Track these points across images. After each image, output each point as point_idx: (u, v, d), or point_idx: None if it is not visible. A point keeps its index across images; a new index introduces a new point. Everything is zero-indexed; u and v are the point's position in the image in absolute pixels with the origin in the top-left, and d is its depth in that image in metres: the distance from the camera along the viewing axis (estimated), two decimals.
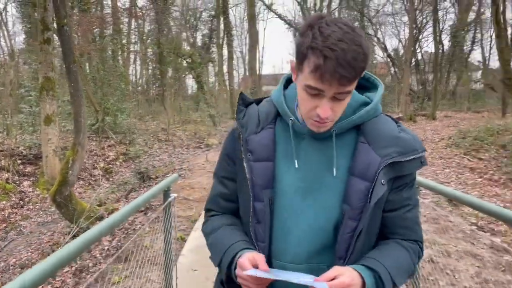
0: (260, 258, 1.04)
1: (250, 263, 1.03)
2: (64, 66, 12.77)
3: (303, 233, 1.09)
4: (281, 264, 1.09)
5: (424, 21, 27.81)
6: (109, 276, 4.35)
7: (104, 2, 20.65)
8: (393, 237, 1.14)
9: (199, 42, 32.98)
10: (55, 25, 9.86)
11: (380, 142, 1.08)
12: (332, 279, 0.98)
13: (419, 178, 2.84)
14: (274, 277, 0.98)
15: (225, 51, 27.74)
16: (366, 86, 1.18)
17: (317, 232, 1.09)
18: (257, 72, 39.15)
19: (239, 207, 1.21)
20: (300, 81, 1.02)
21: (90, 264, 5.10)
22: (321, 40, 0.93)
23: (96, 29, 15.52)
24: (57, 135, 10.48)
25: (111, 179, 10.79)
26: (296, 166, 1.10)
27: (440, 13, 29.83)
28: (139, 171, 8.58)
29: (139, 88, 26.78)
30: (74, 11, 16.30)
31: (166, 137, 14.30)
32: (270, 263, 1.11)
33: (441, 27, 31.99)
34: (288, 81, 1.23)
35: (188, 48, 29.54)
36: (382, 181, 1.05)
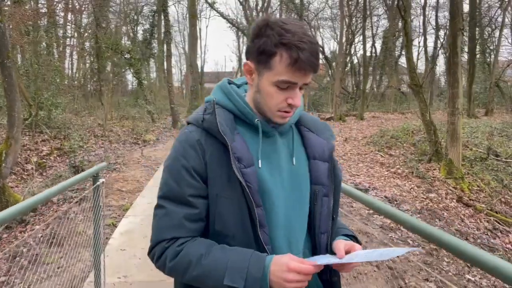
0: (294, 257, 1.04)
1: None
2: None
3: (295, 223, 1.16)
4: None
5: (359, 26, 29.46)
6: (44, 258, 4.73)
7: None
8: None
9: (140, 37, 32.61)
10: None
11: (318, 129, 1.26)
12: (347, 252, 1.10)
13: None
14: (320, 263, 1.04)
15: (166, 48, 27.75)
16: None
17: (303, 217, 1.19)
18: (199, 69, 39.35)
19: (217, 225, 1.11)
20: (268, 78, 1.06)
21: (25, 250, 5.40)
22: (290, 35, 1.01)
23: (30, 22, 15.16)
24: None
25: (44, 174, 10.80)
26: (260, 166, 1.12)
27: (374, 18, 31.88)
28: (74, 165, 8.79)
29: (76, 82, 26.12)
30: (7, 2, 15.80)
31: (103, 132, 14.35)
32: None
33: (374, 32, 34.20)
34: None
35: (129, 43, 29.20)
36: (336, 159, 1.26)
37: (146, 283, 3.80)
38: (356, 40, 32.42)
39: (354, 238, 1.24)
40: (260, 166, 1.12)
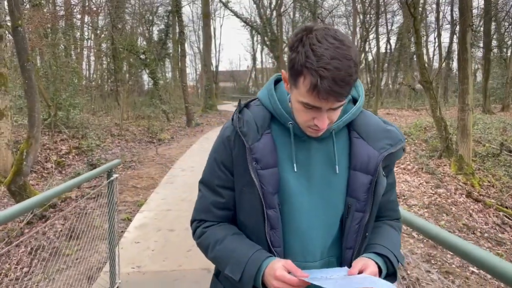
0: (290, 264, 1.05)
1: (285, 270, 1.04)
2: (13, 61, 12.94)
3: (315, 231, 1.14)
4: (297, 265, 1.07)
5: (374, 22, 29.29)
6: (63, 250, 5.01)
7: None
8: (382, 219, 1.26)
9: (155, 37, 33.11)
10: (8, 23, 10.15)
11: (373, 136, 1.15)
12: (360, 272, 1.05)
13: None
14: (312, 281, 1.00)
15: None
16: None
17: (327, 228, 1.15)
18: (214, 69, 39.62)
19: (240, 215, 1.20)
20: (295, 95, 1.04)
21: (45, 243, 5.70)
22: (315, 59, 0.94)
23: (48, 25, 15.62)
24: (9, 129, 10.75)
25: (63, 172, 11.19)
26: (295, 169, 1.12)
27: (388, 15, 31.64)
28: (91, 163, 9.12)
29: (93, 83, 26.70)
30: (26, 6, 16.32)
31: (119, 131, 14.72)
32: None
33: (388, 29, 34.00)
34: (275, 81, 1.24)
35: (144, 43, 29.66)
36: (384, 173, 1.15)
37: (159, 273, 4.02)
38: (371, 36, 32.35)
39: (386, 257, 1.13)
40: (284, 168, 1.13)
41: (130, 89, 22.50)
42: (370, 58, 34.49)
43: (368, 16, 28.71)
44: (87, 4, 23.40)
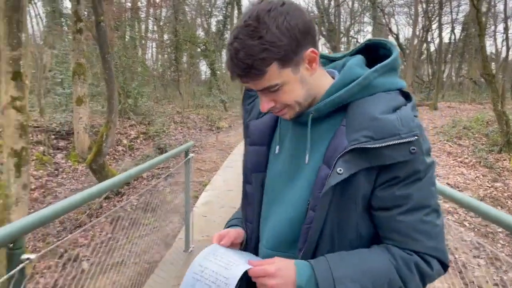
0: (229, 234, 1.05)
1: (220, 238, 1.05)
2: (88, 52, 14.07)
3: (276, 222, 1.04)
4: (261, 247, 1.06)
5: (437, 12, 28.20)
6: (141, 220, 5.72)
7: None
8: (386, 242, 0.96)
9: (213, 28, 34.15)
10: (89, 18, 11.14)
11: (354, 124, 0.92)
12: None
13: None
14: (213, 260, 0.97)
15: None
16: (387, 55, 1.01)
17: (289, 221, 1.01)
18: None
19: None
20: None
21: (123, 214, 6.49)
22: (228, 40, 0.90)
23: (120, 18, 16.78)
24: (87, 114, 11.89)
25: (132, 155, 12.20)
26: (277, 151, 1.07)
27: (454, 3, 30.26)
28: (159, 147, 9.93)
29: (155, 73, 28.15)
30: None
31: (181, 119, 15.64)
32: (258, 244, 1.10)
33: (453, 18, 32.54)
34: None
35: (203, 34, 30.66)
36: (339, 169, 0.89)
37: None
38: (434, 26, 31.18)
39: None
40: (271, 149, 1.09)
41: (190, 79, 23.52)
42: (432, 48, 33.27)
43: (431, 5, 27.71)
44: None
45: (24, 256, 1.42)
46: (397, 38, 31.94)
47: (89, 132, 11.82)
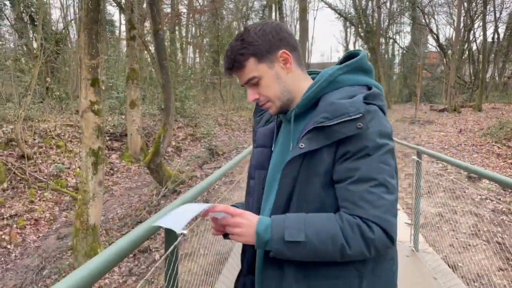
0: (224, 207, 1.12)
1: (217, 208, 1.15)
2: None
3: (269, 209, 1.16)
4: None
5: (480, 10, 27.47)
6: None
7: None
8: (341, 210, 1.07)
9: None
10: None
11: (319, 110, 1.10)
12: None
13: (438, 154, 4.09)
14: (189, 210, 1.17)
15: None
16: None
17: (275, 211, 1.13)
18: (306, 62, 40.13)
19: None
20: None
21: None
22: None
23: (169, 25, 17.45)
24: (139, 117, 12.52)
25: (181, 155, 12.75)
26: (272, 148, 1.26)
27: (497, 1, 29.36)
28: (209, 147, 10.38)
29: (192, 76, 28.90)
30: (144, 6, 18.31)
31: (225, 121, 16.13)
32: None
33: (497, 16, 31.53)
34: None
35: None
36: (301, 145, 1.07)
37: None
38: (476, 25, 30.35)
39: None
40: (272, 148, 1.26)
41: (230, 82, 24.08)
42: (474, 48, 32.34)
43: (473, 3, 27.03)
44: (193, 4, 25.40)
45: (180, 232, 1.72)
46: (437, 39, 31.34)
47: (141, 133, 12.44)
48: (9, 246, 8.89)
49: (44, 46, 12.14)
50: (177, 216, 1.18)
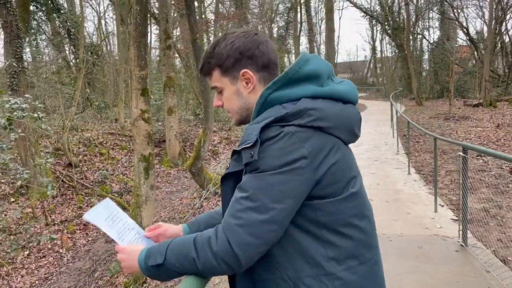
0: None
1: (149, 229, 1.35)
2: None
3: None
4: None
5: (511, 1, 26.73)
6: None
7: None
8: None
9: (274, 34, 34.84)
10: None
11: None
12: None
13: (489, 150, 4.13)
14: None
15: (302, 44, 29.05)
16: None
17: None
18: (334, 62, 40.02)
19: None
20: None
21: None
22: None
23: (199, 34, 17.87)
24: (177, 123, 12.94)
25: (217, 159, 13.06)
26: None
27: None
28: None
29: None
30: (175, 15, 18.84)
31: None
32: None
33: None
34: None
35: None
36: (227, 166, 1.13)
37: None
38: (508, 17, 29.48)
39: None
40: None
41: None
42: (507, 40, 31.42)
43: None
44: (219, 11, 25.88)
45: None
46: (467, 32, 30.65)
47: (179, 139, 12.84)
48: (61, 251, 9.39)
49: (85, 58, 12.73)
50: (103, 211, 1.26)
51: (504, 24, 29.77)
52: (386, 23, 34.19)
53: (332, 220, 1.05)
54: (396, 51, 35.09)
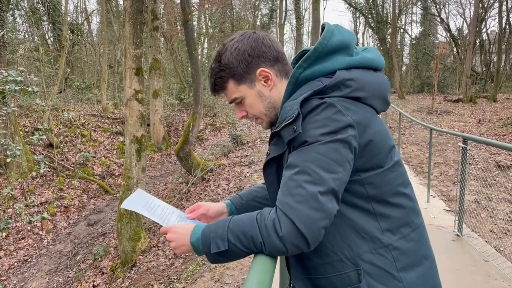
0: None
1: (189, 211, 1.33)
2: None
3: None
4: None
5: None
6: None
7: None
8: None
9: (258, 22, 34.47)
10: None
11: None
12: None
13: (490, 140, 4.18)
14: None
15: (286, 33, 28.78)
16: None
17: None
18: None
19: None
20: None
21: (219, 198, 7.07)
22: None
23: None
24: (162, 106, 12.66)
25: (202, 144, 12.89)
26: None
27: None
28: (234, 136, 10.50)
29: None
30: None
31: None
32: None
33: (509, 6, 31.24)
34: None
35: (247, 28, 31.17)
36: (267, 152, 1.15)
37: None
38: (487, 15, 30.04)
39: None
40: None
41: None
42: (485, 38, 32.07)
43: None
44: None
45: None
46: (448, 29, 31.13)
47: (163, 123, 12.58)
48: (41, 233, 9.12)
49: (68, 36, 12.25)
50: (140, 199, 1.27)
51: (483, 22, 30.42)
52: (370, 16, 34.34)
53: (381, 192, 1.05)
54: (378, 44, 35.36)
